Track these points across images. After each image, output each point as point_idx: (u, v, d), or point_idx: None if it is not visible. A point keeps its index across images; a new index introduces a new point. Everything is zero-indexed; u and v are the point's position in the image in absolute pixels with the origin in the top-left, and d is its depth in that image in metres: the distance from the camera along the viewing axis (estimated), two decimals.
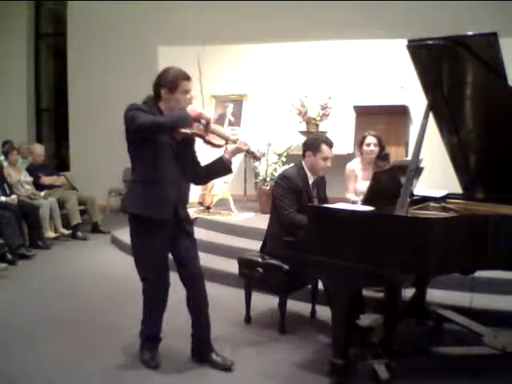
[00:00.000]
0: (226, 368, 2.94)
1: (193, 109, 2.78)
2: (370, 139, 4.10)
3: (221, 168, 3.00)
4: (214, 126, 2.88)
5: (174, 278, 2.99)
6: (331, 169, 3.55)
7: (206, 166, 3.05)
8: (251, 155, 2.99)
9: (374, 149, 4.10)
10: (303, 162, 3.54)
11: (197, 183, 3.18)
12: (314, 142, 3.50)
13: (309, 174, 3.52)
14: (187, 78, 2.81)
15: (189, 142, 2.91)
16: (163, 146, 2.76)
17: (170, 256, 2.96)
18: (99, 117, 8.60)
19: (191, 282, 2.94)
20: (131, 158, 2.86)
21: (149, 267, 2.92)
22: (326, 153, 3.44)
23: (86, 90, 8.65)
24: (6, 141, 6.84)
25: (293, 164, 3.73)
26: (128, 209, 2.86)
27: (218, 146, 2.92)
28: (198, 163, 3.05)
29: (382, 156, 4.17)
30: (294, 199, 3.42)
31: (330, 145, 3.46)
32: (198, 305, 2.98)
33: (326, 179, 3.73)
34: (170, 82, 2.76)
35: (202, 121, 2.77)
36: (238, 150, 2.94)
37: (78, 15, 8.71)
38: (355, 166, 4.28)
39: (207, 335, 3.02)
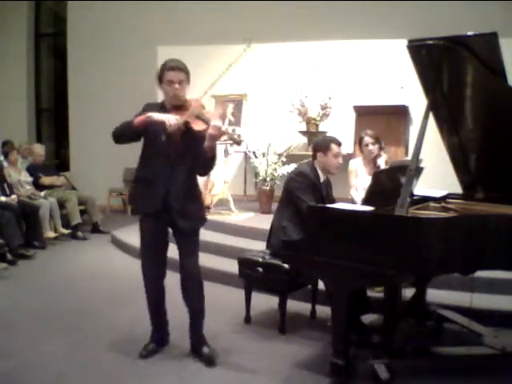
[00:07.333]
0: (210, 359, 2.94)
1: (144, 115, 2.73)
2: (367, 139, 4.34)
3: (203, 156, 2.80)
4: (195, 111, 2.74)
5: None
6: None
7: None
8: (231, 140, 2.89)
9: (373, 147, 4.33)
10: (314, 163, 3.59)
11: (198, 174, 3.04)
12: (323, 142, 3.58)
13: (320, 174, 3.58)
14: (171, 68, 2.76)
15: (188, 132, 2.78)
16: (155, 145, 2.82)
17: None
18: (99, 117, 8.59)
19: (182, 274, 2.99)
20: None
21: (142, 256, 3.03)
22: (337, 150, 3.51)
23: (85, 90, 8.65)
24: (6, 141, 6.84)
25: (305, 161, 3.76)
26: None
27: (200, 132, 2.73)
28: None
29: (378, 152, 4.37)
30: (312, 193, 3.46)
31: (338, 143, 3.55)
32: (189, 297, 3.01)
33: (330, 181, 3.75)
34: (158, 74, 2.83)
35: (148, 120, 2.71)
36: (212, 136, 2.70)
37: (77, 15, 8.72)
38: (357, 162, 4.50)
39: (198, 325, 3.03)
